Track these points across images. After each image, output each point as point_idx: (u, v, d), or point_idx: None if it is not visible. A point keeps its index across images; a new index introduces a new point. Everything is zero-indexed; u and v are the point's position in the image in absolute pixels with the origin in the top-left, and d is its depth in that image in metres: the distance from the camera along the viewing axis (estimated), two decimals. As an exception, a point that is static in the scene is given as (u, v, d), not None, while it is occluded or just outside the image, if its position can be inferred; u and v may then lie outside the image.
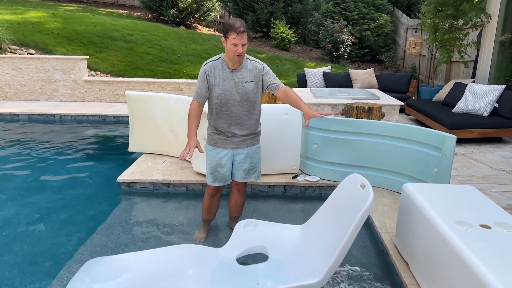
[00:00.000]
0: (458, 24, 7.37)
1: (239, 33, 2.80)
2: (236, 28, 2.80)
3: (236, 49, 2.83)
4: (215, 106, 3.02)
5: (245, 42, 2.84)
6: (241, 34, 2.81)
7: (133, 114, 5.02)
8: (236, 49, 2.83)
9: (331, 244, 2.48)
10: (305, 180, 4.22)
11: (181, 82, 8.50)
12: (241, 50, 2.83)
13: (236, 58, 2.88)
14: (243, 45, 2.84)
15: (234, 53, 2.84)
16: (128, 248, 3.20)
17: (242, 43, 2.83)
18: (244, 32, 2.82)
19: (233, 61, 2.92)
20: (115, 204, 3.98)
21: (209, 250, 2.97)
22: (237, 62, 2.94)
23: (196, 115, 3.04)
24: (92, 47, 10.19)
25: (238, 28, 2.80)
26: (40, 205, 3.90)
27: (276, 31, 13.29)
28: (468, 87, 6.18)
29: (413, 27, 11.99)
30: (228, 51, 2.88)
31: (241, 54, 2.85)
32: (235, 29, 2.79)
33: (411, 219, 2.67)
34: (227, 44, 2.87)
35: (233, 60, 2.90)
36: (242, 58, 2.92)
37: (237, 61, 2.92)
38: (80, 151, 5.61)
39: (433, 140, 3.55)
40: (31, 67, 8.51)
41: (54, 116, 7.43)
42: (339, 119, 4.06)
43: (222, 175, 3.15)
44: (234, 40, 2.81)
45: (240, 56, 2.86)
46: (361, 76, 8.28)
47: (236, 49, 2.83)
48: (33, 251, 3.12)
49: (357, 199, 2.51)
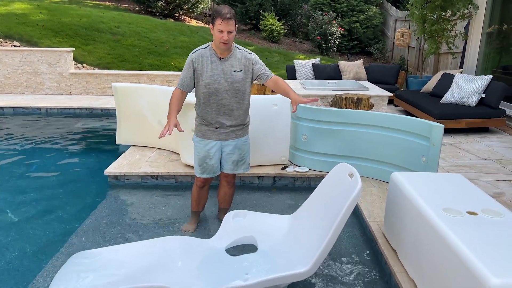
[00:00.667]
0: (446, 15, 7.39)
1: (225, 19, 2.73)
2: (223, 14, 2.73)
3: (221, 36, 2.76)
4: (203, 95, 2.96)
5: (231, 29, 2.77)
6: (227, 20, 2.73)
7: (120, 106, 4.95)
8: (221, 35, 2.76)
9: (320, 233, 2.48)
10: (295, 171, 4.21)
11: (169, 75, 8.42)
12: (227, 37, 2.76)
13: (222, 46, 2.82)
14: (229, 32, 2.77)
15: (219, 40, 2.78)
16: (116, 240, 3.16)
17: (228, 30, 2.75)
18: (230, 19, 2.75)
19: (220, 49, 2.87)
20: (102, 197, 3.93)
21: (198, 241, 2.95)
22: (225, 50, 2.89)
23: (177, 100, 2.97)
24: (79, 40, 10.03)
25: (225, 15, 2.73)
26: (26, 199, 3.84)
27: (266, 23, 13.22)
28: (456, 78, 6.21)
29: (402, 19, 12.01)
30: (215, 38, 2.83)
31: (227, 41, 2.78)
32: (221, 15, 2.73)
33: (399, 208, 2.68)
34: (214, 30, 2.80)
35: (219, 47, 2.85)
36: (229, 46, 2.86)
37: (224, 49, 2.86)
38: (67, 144, 5.53)
39: (421, 129, 3.56)
40: (16, 59, 8.34)
41: (40, 109, 7.31)
42: (328, 110, 4.05)
43: (211, 167, 3.12)
44: (220, 27, 2.75)
45: (226, 43, 2.80)
46: (350, 68, 8.28)
47: (221, 35, 2.76)
48: (19, 245, 3.07)
49: (345, 188, 2.50)
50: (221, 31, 2.76)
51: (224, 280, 2.45)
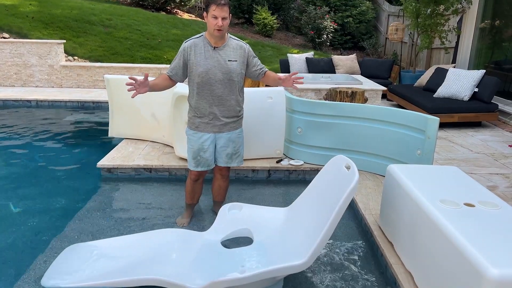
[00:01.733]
0: (439, 10, 7.40)
1: (219, 5, 2.70)
2: (217, 0, 2.71)
3: (216, 22, 2.73)
4: (196, 85, 2.92)
5: (226, 15, 2.74)
6: (222, 6, 2.71)
7: (113, 98, 4.88)
8: (216, 22, 2.73)
9: (316, 226, 2.47)
10: (289, 164, 4.19)
11: (162, 68, 8.33)
12: (221, 24, 2.73)
13: (216, 33, 2.78)
14: (224, 18, 2.74)
15: (214, 27, 2.75)
16: (109, 233, 3.12)
17: (223, 16, 2.73)
18: (225, 5, 2.72)
19: (214, 37, 2.83)
20: (95, 189, 3.88)
21: (193, 234, 2.92)
22: (218, 39, 2.86)
23: (162, 78, 2.95)
24: (69, 32, 9.88)
25: (219, 0, 2.70)
26: (17, 192, 3.77)
27: (259, 17, 13.15)
28: (449, 72, 6.24)
29: (395, 14, 12.03)
30: (208, 25, 2.79)
31: (221, 28, 2.75)
32: (216, 1, 2.71)
33: (395, 200, 2.68)
34: (208, 17, 2.77)
35: (213, 35, 2.81)
36: (223, 33, 2.82)
37: (218, 37, 2.83)
38: (59, 137, 5.45)
39: (416, 122, 3.56)
40: (5, 51, 8.19)
41: (30, 102, 7.20)
42: (323, 103, 4.03)
43: (205, 160, 3.09)
44: (214, 12, 2.72)
45: (220, 30, 2.76)
46: (343, 62, 8.27)
47: (216, 22, 2.73)
48: (11, 238, 3.01)
49: (342, 180, 2.49)
50: (215, 17, 2.73)
51: (220, 272, 2.43)
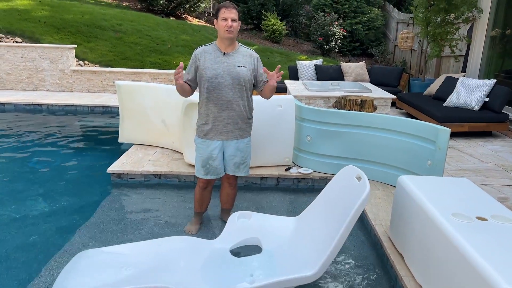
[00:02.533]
0: (449, 19, 7.38)
1: (227, 7, 2.84)
2: (225, 4, 2.87)
3: (226, 23, 2.82)
4: (206, 90, 2.96)
5: (234, 17, 2.85)
6: (230, 8, 2.85)
7: (123, 104, 4.93)
8: (225, 23, 2.82)
9: (326, 236, 2.46)
10: (298, 173, 4.19)
11: (171, 73, 8.39)
12: (230, 24, 2.82)
13: (226, 34, 2.84)
14: (233, 20, 2.84)
15: (224, 28, 2.83)
16: (119, 239, 3.14)
17: (232, 18, 2.83)
18: (233, 8, 2.87)
19: (225, 40, 2.89)
20: (105, 195, 3.90)
21: (202, 242, 2.93)
22: (228, 43, 2.91)
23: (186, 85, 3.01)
24: (80, 37, 9.99)
25: (227, 4, 2.87)
26: (28, 196, 3.81)
27: (267, 23, 13.20)
28: (459, 81, 6.20)
29: (404, 21, 12.01)
30: (219, 29, 2.89)
31: (231, 29, 2.84)
32: (224, 5, 2.87)
33: (406, 211, 2.66)
34: (218, 22, 2.88)
35: (224, 37, 2.87)
36: (233, 36, 2.88)
37: (228, 40, 2.88)
38: (69, 142, 5.50)
39: (427, 132, 3.55)
40: (18, 55, 8.30)
41: (41, 106, 7.27)
42: (333, 111, 4.03)
43: (215, 168, 3.10)
44: (223, 15, 2.84)
45: (230, 32, 2.84)
46: (352, 69, 8.27)
47: (225, 23, 2.82)
48: (22, 243, 3.04)
49: (353, 191, 2.49)
50: (225, 19, 2.83)
51: (229, 281, 2.43)
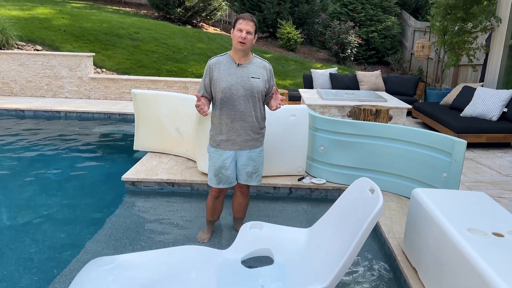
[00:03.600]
0: (467, 27, 7.29)
1: (245, 19, 2.85)
2: (244, 16, 2.88)
3: (240, 35, 2.83)
4: (219, 101, 2.98)
5: (250, 30, 2.85)
6: (247, 21, 2.85)
7: (139, 112, 4.99)
8: (240, 34, 2.83)
9: (339, 249, 2.44)
10: (311, 183, 4.17)
11: (187, 81, 8.47)
12: (244, 36, 2.83)
13: (239, 46, 2.85)
14: (248, 32, 2.84)
15: (237, 39, 2.84)
16: (132, 247, 3.17)
17: (247, 30, 2.83)
18: (251, 21, 2.86)
19: (238, 51, 2.91)
20: (119, 202, 3.95)
21: (214, 252, 2.93)
22: (242, 55, 2.92)
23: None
24: (99, 45, 10.18)
25: (246, 16, 2.87)
26: (42, 203, 3.88)
27: (283, 31, 13.24)
28: (477, 91, 6.10)
29: (421, 30, 11.90)
30: (233, 39, 2.90)
31: (244, 41, 2.84)
32: (242, 17, 2.87)
33: (420, 225, 2.62)
34: (233, 32, 2.89)
35: (236, 48, 2.89)
36: (246, 48, 2.89)
37: (241, 51, 2.89)
38: (85, 148, 5.59)
39: (442, 144, 3.49)
40: (38, 63, 8.51)
41: (59, 112, 7.42)
42: (347, 121, 4.01)
43: (227, 177, 3.11)
44: (240, 26, 2.84)
45: (243, 44, 2.84)
46: (368, 78, 8.22)
47: (240, 34, 2.83)
48: (36, 249, 3.09)
49: (366, 203, 2.46)
50: (240, 30, 2.84)
51: (240, 293, 2.42)
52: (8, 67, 8.49)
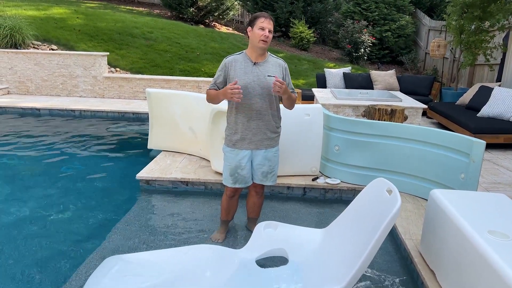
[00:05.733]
0: (484, 26, 7.16)
1: (267, 18, 2.84)
2: (264, 14, 2.86)
3: (263, 33, 2.82)
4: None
5: (271, 29, 2.86)
6: (269, 19, 2.85)
7: (153, 111, 5.01)
8: (263, 33, 2.82)
9: (355, 250, 2.41)
10: (326, 183, 4.14)
11: (199, 81, 8.50)
12: (267, 34, 2.83)
13: (261, 44, 2.84)
14: (270, 31, 2.84)
15: (260, 37, 2.82)
16: (146, 246, 3.18)
17: (269, 29, 2.84)
18: (271, 20, 2.87)
19: (257, 49, 2.89)
20: (133, 201, 3.97)
21: (228, 251, 2.92)
22: (260, 53, 2.91)
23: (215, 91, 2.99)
24: (113, 44, 10.27)
25: (266, 14, 2.87)
26: (58, 201, 3.92)
27: (295, 30, 13.19)
28: (495, 91, 5.99)
29: (436, 29, 11.75)
30: (254, 38, 2.86)
31: (267, 39, 2.84)
32: (263, 15, 2.86)
33: (439, 227, 2.57)
34: (253, 31, 2.86)
35: (257, 47, 2.87)
36: (267, 46, 2.89)
37: (261, 49, 2.88)
38: (100, 147, 5.64)
39: (460, 145, 3.43)
40: (53, 62, 8.61)
41: (74, 111, 7.50)
42: (363, 121, 3.97)
43: (243, 177, 3.10)
44: (262, 24, 2.82)
45: (265, 42, 2.84)
46: (382, 78, 8.13)
47: (263, 33, 2.82)
48: (52, 246, 3.12)
49: (383, 205, 2.43)
50: (262, 29, 2.83)
51: (255, 293, 2.41)
52: (24, 66, 8.62)
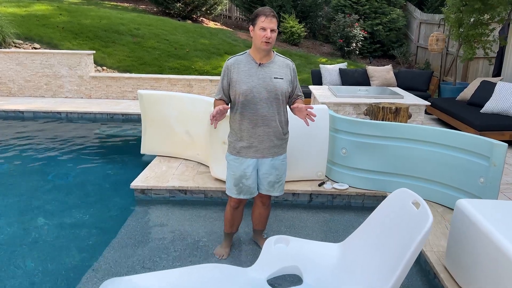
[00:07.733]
0: (484, 19, 7.00)
1: (268, 16, 2.56)
2: (265, 11, 2.58)
3: (264, 34, 2.56)
4: (240, 105, 2.71)
5: (274, 27, 2.58)
6: (271, 18, 2.57)
7: (146, 114, 4.72)
8: (264, 34, 2.56)
9: (381, 272, 2.18)
10: (333, 188, 3.91)
11: (190, 79, 8.18)
12: (269, 35, 2.56)
13: (263, 46, 2.59)
14: (272, 30, 2.58)
15: (261, 39, 2.57)
16: (145, 264, 2.91)
17: (271, 28, 2.57)
18: (274, 17, 2.58)
19: (260, 51, 2.64)
20: (128, 213, 3.69)
21: (237, 271, 2.68)
22: (264, 54, 2.66)
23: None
24: (98, 42, 9.87)
25: (268, 12, 2.58)
26: (45, 214, 3.61)
27: (286, 25, 12.92)
28: (498, 86, 5.84)
29: (427, 22, 11.60)
30: (255, 38, 2.62)
31: (269, 40, 2.58)
32: (264, 13, 2.57)
33: (468, 240, 2.37)
34: (255, 30, 2.61)
35: (260, 48, 2.62)
36: (270, 47, 2.63)
37: (265, 51, 2.63)
38: (89, 152, 5.31)
39: (479, 147, 3.23)
40: (36, 62, 8.20)
41: (60, 113, 7.13)
42: (370, 122, 3.75)
43: (248, 187, 2.85)
44: (263, 24, 2.56)
45: (268, 43, 2.59)
46: (379, 73, 7.94)
47: (264, 34, 2.56)
48: (43, 266, 2.83)
49: (411, 220, 2.21)
50: (263, 29, 2.57)
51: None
52: (6, 66, 8.18)
